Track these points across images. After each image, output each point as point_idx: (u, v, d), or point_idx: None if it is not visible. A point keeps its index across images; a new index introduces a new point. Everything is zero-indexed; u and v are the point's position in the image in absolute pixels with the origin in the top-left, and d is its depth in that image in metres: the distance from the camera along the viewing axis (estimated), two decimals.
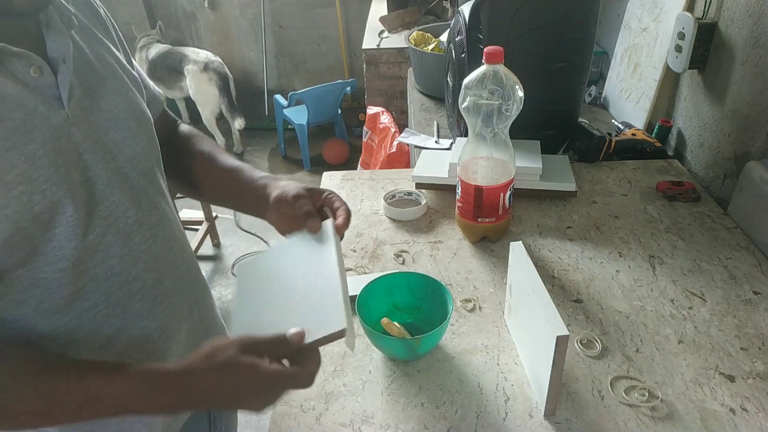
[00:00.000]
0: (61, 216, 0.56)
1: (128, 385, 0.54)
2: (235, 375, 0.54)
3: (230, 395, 0.55)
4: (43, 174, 0.54)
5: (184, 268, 0.74)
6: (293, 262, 0.69)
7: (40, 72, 0.56)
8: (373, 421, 0.72)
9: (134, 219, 0.65)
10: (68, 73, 0.58)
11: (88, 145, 0.60)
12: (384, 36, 3.02)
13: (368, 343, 0.82)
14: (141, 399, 0.55)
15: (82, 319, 0.61)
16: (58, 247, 0.57)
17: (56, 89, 0.57)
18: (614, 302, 0.89)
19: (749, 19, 1.06)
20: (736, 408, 0.72)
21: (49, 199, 0.55)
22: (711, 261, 0.97)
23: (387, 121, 2.62)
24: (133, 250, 0.64)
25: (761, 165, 1.01)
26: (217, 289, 2.67)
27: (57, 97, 0.57)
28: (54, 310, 0.59)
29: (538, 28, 1.14)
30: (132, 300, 0.65)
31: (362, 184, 1.25)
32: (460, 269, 0.98)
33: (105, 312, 0.63)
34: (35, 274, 0.57)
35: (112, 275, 0.62)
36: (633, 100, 1.45)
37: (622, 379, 0.76)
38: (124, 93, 0.67)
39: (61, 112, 0.57)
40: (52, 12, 0.59)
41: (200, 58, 3.49)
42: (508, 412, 0.73)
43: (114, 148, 0.63)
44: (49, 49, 0.58)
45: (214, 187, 0.82)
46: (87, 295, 0.61)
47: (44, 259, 0.56)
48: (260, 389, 0.55)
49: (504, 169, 0.96)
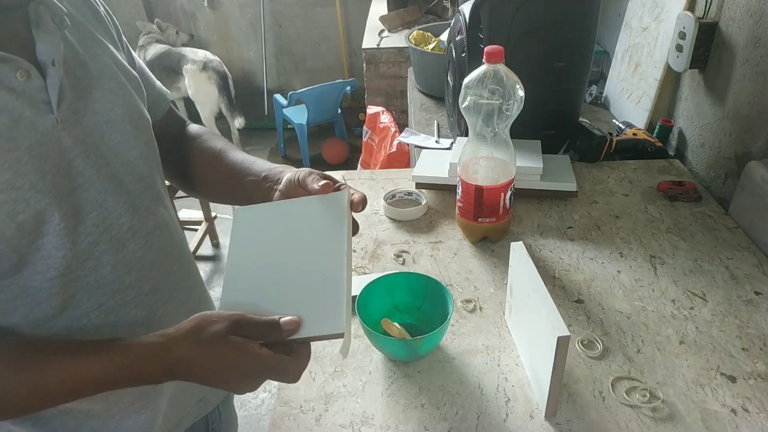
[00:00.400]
0: (47, 225, 0.55)
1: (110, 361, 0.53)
2: (220, 353, 0.53)
3: (212, 372, 0.54)
4: (28, 181, 0.53)
5: (181, 275, 0.73)
6: (299, 224, 0.63)
7: (27, 76, 0.54)
8: (373, 422, 0.72)
9: (128, 226, 0.63)
10: (58, 75, 0.56)
11: (79, 150, 0.58)
12: (384, 35, 3.01)
13: (368, 344, 0.82)
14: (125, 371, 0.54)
15: (72, 329, 0.60)
16: (47, 256, 0.56)
17: (45, 93, 0.55)
18: (615, 302, 0.89)
19: (750, 18, 1.06)
20: (738, 408, 0.71)
21: (33, 208, 0.53)
22: (712, 261, 0.96)
23: (387, 120, 2.62)
24: (126, 257, 0.63)
25: (762, 165, 1.01)
26: (217, 290, 2.67)
27: (46, 101, 0.56)
28: (43, 319, 0.58)
29: (539, 28, 1.14)
30: (126, 309, 0.64)
31: (362, 184, 1.24)
32: (460, 269, 0.98)
33: (96, 321, 0.61)
34: (23, 282, 0.55)
35: (104, 284, 0.61)
36: (634, 100, 1.45)
37: (623, 380, 0.76)
38: (121, 95, 0.65)
39: (49, 117, 0.56)
40: (43, 11, 0.57)
41: (199, 57, 3.48)
42: (508, 413, 0.72)
43: (108, 153, 0.62)
44: (38, 51, 0.56)
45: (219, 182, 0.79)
46: (77, 304, 0.60)
47: (32, 269, 0.55)
48: (244, 371, 0.54)
49: (504, 169, 0.95)
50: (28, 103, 0.54)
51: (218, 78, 3.47)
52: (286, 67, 4.31)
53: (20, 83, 0.54)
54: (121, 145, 0.63)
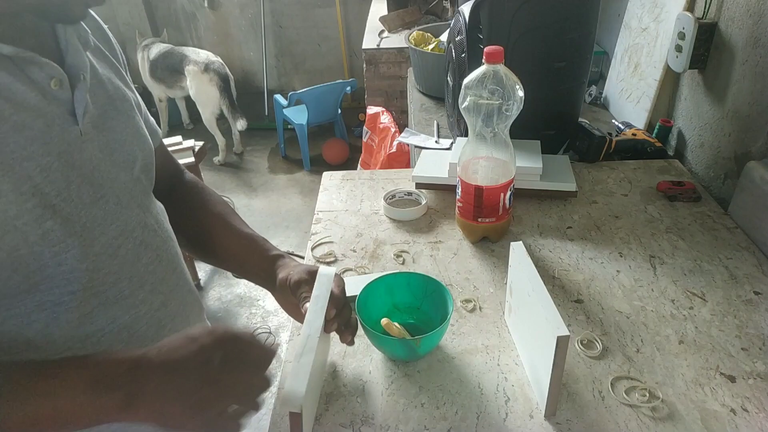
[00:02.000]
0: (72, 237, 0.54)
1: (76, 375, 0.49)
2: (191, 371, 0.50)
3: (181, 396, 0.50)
4: (56, 188, 0.53)
5: (185, 291, 0.74)
6: None
7: (60, 85, 0.55)
8: (373, 421, 0.72)
9: (141, 240, 0.64)
10: (85, 89, 0.58)
11: (99, 163, 0.59)
12: (384, 36, 3.02)
13: (368, 344, 0.82)
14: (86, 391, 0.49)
15: (85, 344, 0.59)
16: (69, 270, 0.55)
17: (71, 105, 0.57)
18: (615, 302, 0.89)
19: (749, 18, 1.06)
20: (737, 408, 0.72)
21: (60, 216, 0.53)
22: (712, 261, 0.97)
23: (387, 121, 2.62)
24: (140, 271, 0.63)
25: (762, 165, 1.01)
26: (217, 290, 2.67)
27: (72, 112, 0.57)
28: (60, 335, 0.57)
29: (539, 28, 1.14)
30: (138, 324, 0.64)
31: (362, 184, 1.25)
32: (460, 269, 0.98)
33: (110, 337, 0.61)
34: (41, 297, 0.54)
35: (121, 298, 0.61)
36: (633, 100, 1.45)
37: (623, 380, 0.76)
38: (132, 116, 0.68)
39: (75, 128, 0.57)
40: (71, 30, 0.59)
41: (201, 58, 3.48)
42: (508, 413, 0.72)
43: (119, 169, 0.63)
44: (68, 65, 0.57)
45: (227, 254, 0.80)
46: (94, 319, 0.59)
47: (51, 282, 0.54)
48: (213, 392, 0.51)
49: (504, 169, 0.96)
50: (58, 112, 0.55)
51: (220, 80, 3.47)
52: (286, 68, 4.31)
53: (53, 91, 0.55)
54: (127, 163, 0.65)
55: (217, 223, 0.81)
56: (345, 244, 1.06)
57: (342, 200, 1.19)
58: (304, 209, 3.25)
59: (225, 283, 2.70)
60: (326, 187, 1.25)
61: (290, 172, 3.67)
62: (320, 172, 1.37)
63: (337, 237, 1.08)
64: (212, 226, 0.81)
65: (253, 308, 2.56)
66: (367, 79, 2.95)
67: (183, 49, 3.61)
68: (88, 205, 0.57)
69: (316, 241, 1.07)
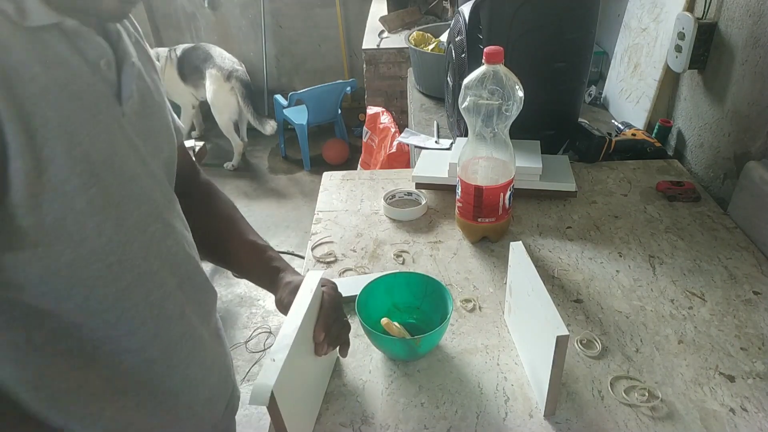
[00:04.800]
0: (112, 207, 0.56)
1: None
2: None
3: None
4: (101, 158, 0.55)
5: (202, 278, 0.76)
6: None
7: (108, 67, 0.57)
8: (372, 421, 0.72)
9: (167, 222, 0.66)
10: (132, 74, 0.60)
11: (138, 143, 0.61)
12: (384, 36, 3.02)
13: (368, 344, 0.82)
14: None
15: (122, 319, 0.60)
16: (107, 241, 0.56)
17: (117, 87, 0.59)
18: (614, 302, 0.89)
19: (749, 19, 1.06)
20: (736, 408, 0.72)
21: (103, 185, 0.55)
22: (711, 261, 0.97)
23: (387, 121, 2.62)
24: (164, 252, 0.65)
25: (761, 165, 1.01)
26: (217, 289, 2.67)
27: (116, 94, 0.59)
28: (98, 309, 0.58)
29: (538, 28, 1.14)
30: (166, 302, 0.66)
31: (362, 184, 1.25)
32: (460, 269, 0.98)
33: (144, 313, 0.63)
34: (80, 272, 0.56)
35: (152, 273, 0.63)
36: (633, 100, 1.45)
37: (622, 379, 0.76)
38: (165, 110, 0.70)
39: (119, 108, 0.59)
40: None
41: (226, 65, 3.40)
42: (508, 412, 0.73)
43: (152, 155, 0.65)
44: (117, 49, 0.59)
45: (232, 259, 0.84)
46: (130, 295, 0.61)
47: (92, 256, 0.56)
48: None
49: (504, 169, 0.96)
50: (104, 91, 0.57)
51: (242, 87, 3.41)
52: (286, 68, 4.31)
53: (102, 71, 0.56)
54: (156, 152, 0.67)
55: (225, 227, 0.84)
56: (345, 244, 1.06)
57: (342, 200, 1.19)
58: (304, 209, 3.25)
59: (225, 282, 2.70)
60: (326, 187, 1.25)
61: (290, 172, 3.67)
62: (320, 172, 1.37)
63: (337, 237, 1.08)
64: (220, 229, 0.84)
65: (253, 308, 2.56)
66: (367, 80, 2.95)
67: (210, 49, 3.51)
68: (126, 181, 0.59)
69: (316, 241, 1.07)
